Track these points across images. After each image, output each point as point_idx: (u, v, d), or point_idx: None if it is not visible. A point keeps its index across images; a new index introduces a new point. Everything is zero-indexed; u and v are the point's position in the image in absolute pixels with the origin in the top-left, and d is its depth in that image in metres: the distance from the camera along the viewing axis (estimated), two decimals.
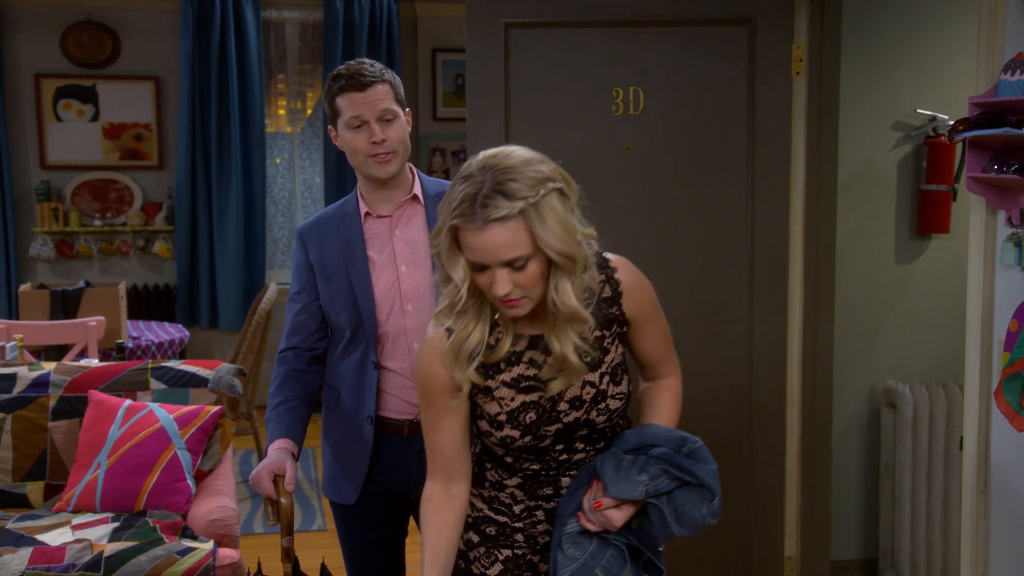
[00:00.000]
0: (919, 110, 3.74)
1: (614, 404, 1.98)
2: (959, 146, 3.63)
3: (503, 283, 1.79)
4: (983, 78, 2.46)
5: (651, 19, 3.30)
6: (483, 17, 3.27)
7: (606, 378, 1.97)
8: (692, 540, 3.55)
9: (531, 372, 1.93)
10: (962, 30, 3.66)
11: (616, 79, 3.31)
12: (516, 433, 1.94)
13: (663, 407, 2.09)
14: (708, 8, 3.30)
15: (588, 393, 1.95)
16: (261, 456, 5.42)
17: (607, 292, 1.97)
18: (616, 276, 1.98)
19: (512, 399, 1.94)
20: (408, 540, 4.91)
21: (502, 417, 1.94)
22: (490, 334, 1.90)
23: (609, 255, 2.00)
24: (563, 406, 1.95)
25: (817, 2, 3.34)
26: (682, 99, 3.33)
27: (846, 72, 3.52)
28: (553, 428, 1.95)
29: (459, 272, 1.83)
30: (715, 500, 1.89)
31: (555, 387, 1.90)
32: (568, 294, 1.83)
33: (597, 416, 1.97)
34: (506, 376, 1.94)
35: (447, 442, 1.96)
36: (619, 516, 1.89)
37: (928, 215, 3.76)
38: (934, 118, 3.73)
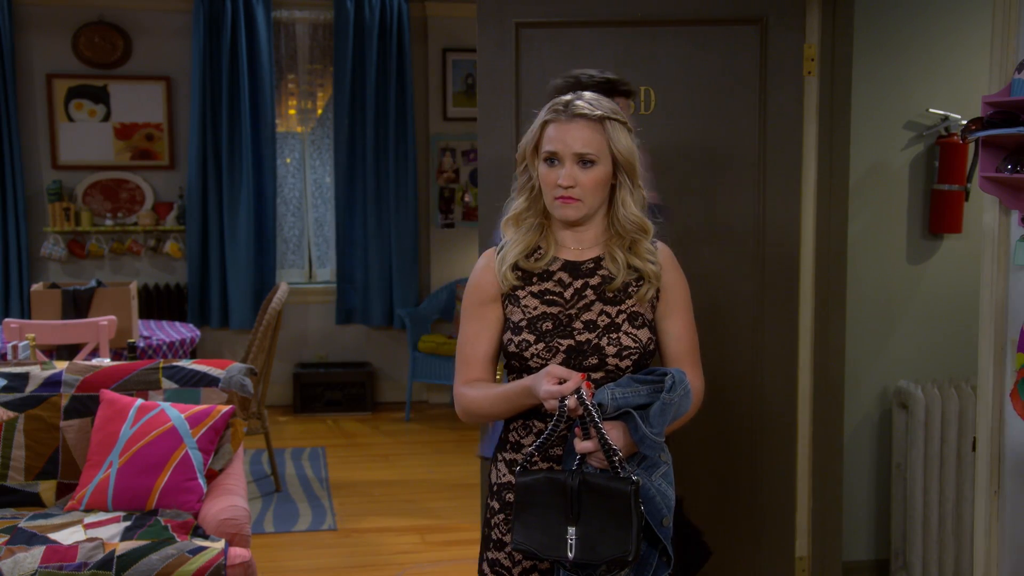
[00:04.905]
0: (931, 110, 3.73)
1: (626, 340, 2.14)
2: (971, 146, 3.62)
3: (569, 175, 2.11)
4: (996, 78, 2.45)
5: (662, 19, 3.29)
6: (494, 17, 3.27)
7: (623, 315, 2.16)
8: (704, 539, 3.52)
9: (558, 288, 2.18)
10: (975, 30, 3.65)
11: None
12: (532, 338, 2.15)
13: None
14: (719, 8, 3.29)
15: (603, 320, 2.15)
16: (272, 456, 5.43)
17: None
18: (657, 246, 2.25)
19: (535, 308, 2.18)
20: (418, 539, 4.91)
21: (523, 323, 2.17)
22: (533, 254, 2.21)
23: (659, 241, 2.28)
24: (578, 325, 2.15)
25: (829, 2, 3.33)
26: (693, 99, 3.32)
27: (858, 72, 3.51)
28: (565, 344, 2.14)
29: (535, 172, 2.18)
30: (673, 386, 2.05)
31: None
32: (631, 206, 2.17)
33: (608, 345, 2.13)
34: (535, 288, 2.19)
35: (481, 353, 2.23)
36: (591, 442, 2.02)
37: (940, 215, 3.75)
38: (946, 118, 3.71)
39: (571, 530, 1.99)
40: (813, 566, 3.53)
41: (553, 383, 1.99)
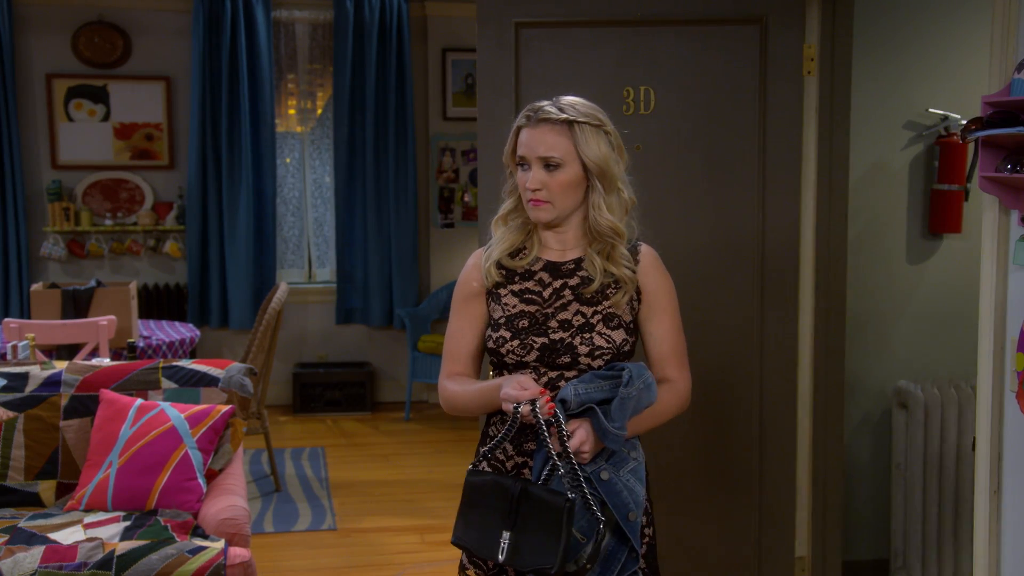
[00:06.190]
0: (931, 109, 3.73)
1: (599, 340, 2.19)
2: (971, 145, 3.62)
3: (535, 178, 2.17)
4: (996, 77, 2.45)
5: (662, 18, 3.29)
6: (494, 17, 3.27)
7: (598, 316, 2.21)
8: (703, 540, 3.53)
9: (538, 287, 2.24)
10: (975, 29, 3.65)
11: (627, 79, 3.30)
12: (508, 334, 2.22)
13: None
14: (719, 7, 3.29)
15: (577, 320, 2.21)
16: (271, 456, 5.43)
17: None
18: (640, 249, 2.28)
19: (514, 306, 2.24)
20: (418, 538, 4.91)
21: (502, 320, 2.24)
22: (518, 254, 2.28)
23: (644, 243, 2.31)
24: (553, 324, 2.21)
25: (829, 1, 3.33)
26: (693, 99, 3.32)
27: (858, 71, 3.51)
28: (539, 341, 2.20)
29: (515, 176, 2.24)
30: (631, 380, 2.09)
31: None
32: (603, 210, 2.20)
33: (581, 345, 2.18)
34: (516, 287, 2.26)
35: (464, 348, 2.31)
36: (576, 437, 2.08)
37: (940, 215, 3.75)
38: (946, 117, 3.71)
39: (506, 534, 2.06)
40: (813, 566, 3.53)
41: (517, 389, 2.06)
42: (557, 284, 2.24)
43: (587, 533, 2.08)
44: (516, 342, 2.20)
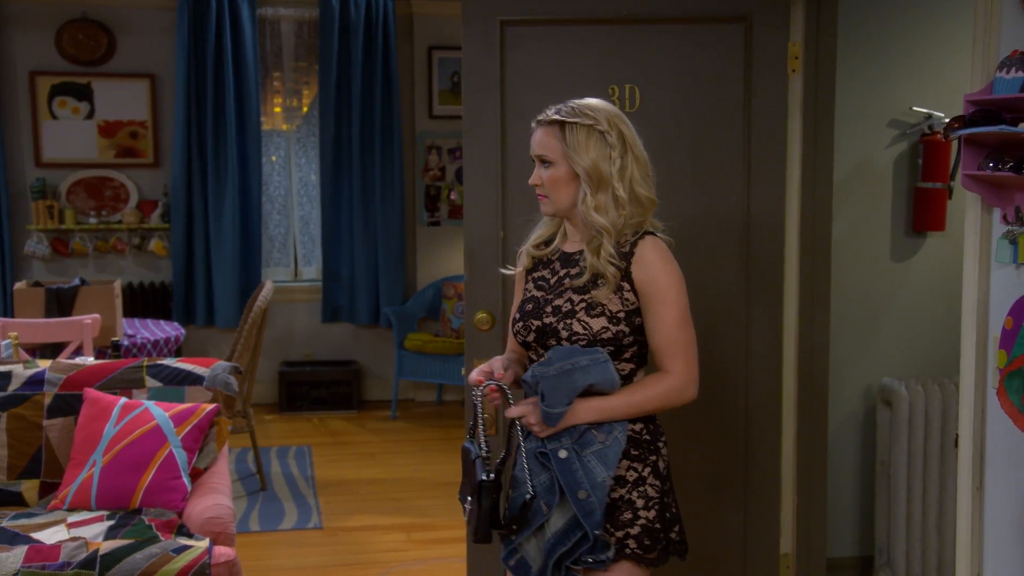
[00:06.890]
0: (915, 108, 3.74)
1: (577, 327, 2.29)
2: (955, 143, 3.64)
3: (535, 175, 2.37)
4: (979, 75, 2.46)
5: (647, 17, 3.30)
6: (479, 15, 3.27)
7: (582, 304, 2.31)
8: (688, 536, 3.54)
9: (549, 275, 2.41)
10: (958, 28, 3.66)
11: (612, 77, 3.30)
12: (517, 315, 2.42)
13: (634, 386, 2.32)
14: (704, 6, 3.30)
15: (566, 307, 2.33)
16: (257, 455, 5.42)
17: (624, 248, 2.33)
18: (639, 242, 2.33)
19: (529, 292, 2.44)
20: (404, 537, 4.91)
21: (518, 302, 2.46)
22: (550, 244, 2.45)
23: (657, 234, 2.37)
24: (548, 308, 2.35)
25: (813, 0, 3.35)
26: (678, 97, 3.33)
27: (842, 70, 3.52)
28: (535, 324, 2.35)
29: None
30: (549, 360, 2.25)
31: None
32: (589, 206, 2.29)
33: (562, 330, 2.30)
34: (537, 274, 2.45)
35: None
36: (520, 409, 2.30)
37: (924, 213, 3.77)
38: (930, 116, 3.73)
39: (469, 499, 2.27)
40: (798, 563, 3.54)
41: (476, 374, 2.31)
42: (563, 273, 2.39)
43: (549, 503, 2.26)
44: (521, 324, 2.39)
